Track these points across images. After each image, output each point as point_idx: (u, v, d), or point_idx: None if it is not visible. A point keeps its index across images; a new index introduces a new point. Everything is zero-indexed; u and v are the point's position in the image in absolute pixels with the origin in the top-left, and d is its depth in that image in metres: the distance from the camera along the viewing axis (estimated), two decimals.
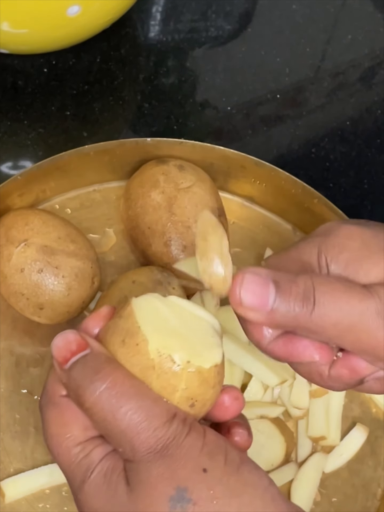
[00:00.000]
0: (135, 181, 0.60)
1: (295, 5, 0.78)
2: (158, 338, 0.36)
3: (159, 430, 0.34)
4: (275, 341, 0.39)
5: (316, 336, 0.37)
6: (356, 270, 0.38)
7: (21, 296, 0.54)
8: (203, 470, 0.34)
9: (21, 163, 0.66)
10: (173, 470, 0.34)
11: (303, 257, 0.39)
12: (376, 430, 0.57)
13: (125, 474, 0.35)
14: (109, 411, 0.34)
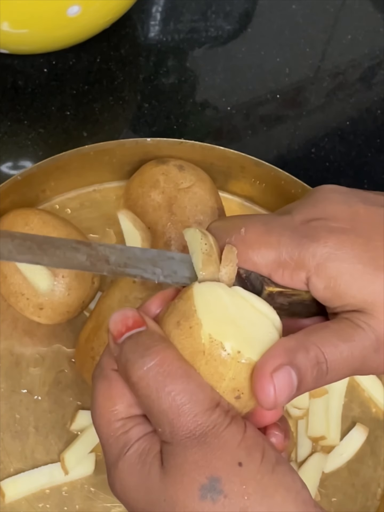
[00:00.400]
0: (135, 181, 0.60)
1: (295, 5, 0.78)
2: (212, 324, 0.36)
3: (199, 416, 0.34)
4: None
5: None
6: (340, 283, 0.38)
7: (21, 296, 0.54)
8: (238, 464, 0.34)
9: (21, 163, 0.66)
10: (208, 459, 0.34)
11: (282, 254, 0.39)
12: (376, 430, 0.57)
13: (160, 457, 0.35)
14: (153, 389, 0.35)
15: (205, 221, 0.57)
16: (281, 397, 0.36)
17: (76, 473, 0.53)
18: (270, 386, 0.35)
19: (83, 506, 0.53)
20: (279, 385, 0.36)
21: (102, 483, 0.53)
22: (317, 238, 0.38)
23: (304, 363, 0.37)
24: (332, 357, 0.37)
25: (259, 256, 0.39)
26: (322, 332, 0.38)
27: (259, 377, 0.36)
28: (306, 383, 0.37)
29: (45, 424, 0.55)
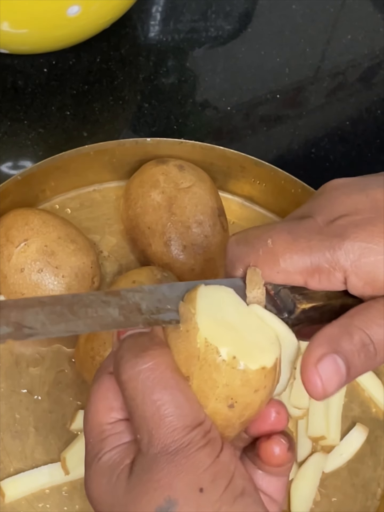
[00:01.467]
0: (135, 181, 0.60)
1: (295, 5, 0.78)
2: (209, 329, 0.35)
3: (177, 432, 0.34)
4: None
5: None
6: (379, 277, 0.38)
7: (21, 296, 0.54)
8: (199, 489, 0.33)
9: (21, 163, 0.66)
10: (171, 479, 0.33)
11: (314, 259, 0.38)
12: (376, 430, 0.57)
13: (129, 469, 0.34)
14: (140, 393, 0.34)
15: (205, 221, 0.57)
16: (330, 387, 0.35)
17: (76, 473, 0.53)
18: (316, 377, 0.35)
19: (83, 506, 0.53)
20: (326, 374, 0.35)
21: None
22: (346, 235, 0.38)
23: (350, 348, 0.36)
24: (378, 337, 0.36)
25: (292, 265, 0.38)
26: (365, 313, 0.37)
27: (304, 369, 0.35)
28: (356, 368, 0.36)
29: (45, 424, 0.55)
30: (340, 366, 0.36)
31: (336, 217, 0.39)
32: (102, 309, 0.34)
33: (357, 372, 0.37)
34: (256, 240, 0.39)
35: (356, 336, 0.36)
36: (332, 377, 0.35)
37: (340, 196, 0.40)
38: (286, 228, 0.39)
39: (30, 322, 0.32)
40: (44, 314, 0.33)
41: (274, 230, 0.39)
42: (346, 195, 0.40)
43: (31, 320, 0.33)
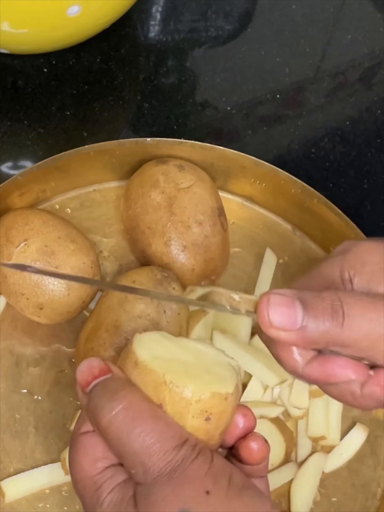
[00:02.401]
0: (135, 181, 0.60)
1: (295, 5, 0.78)
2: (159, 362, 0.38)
3: (168, 453, 0.35)
4: (310, 364, 0.39)
5: (349, 350, 0.38)
6: (379, 281, 0.38)
7: (21, 296, 0.54)
8: (206, 492, 0.35)
9: (21, 163, 0.66)
10: (178, 492, 0.35)
11: (326, 276, 0.40)
12: (376, 430, 0.57)
13: (134, 501, 0.36)
14: (123, 431, 0.36)
15: (205, 221, 0.57)
16: (276, 318, 0.36)
17: None
18: (264, 304, 0.37)
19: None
20: (274, 304, 0.37)
21: None
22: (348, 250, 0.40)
23: (314, 301, 0.37)
24: (350, 301, 0.37)
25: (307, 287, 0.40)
26: (349, 291, 0.39)
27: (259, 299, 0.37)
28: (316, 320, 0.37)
29: (45, 424, 0.55)
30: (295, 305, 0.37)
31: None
32: None
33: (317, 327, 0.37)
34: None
35: (326, 293, 0.37)
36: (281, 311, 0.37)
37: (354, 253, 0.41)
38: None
39: None
40: None
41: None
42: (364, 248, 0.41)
43: None
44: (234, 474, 0.36)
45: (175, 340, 0.40)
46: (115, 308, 0.52)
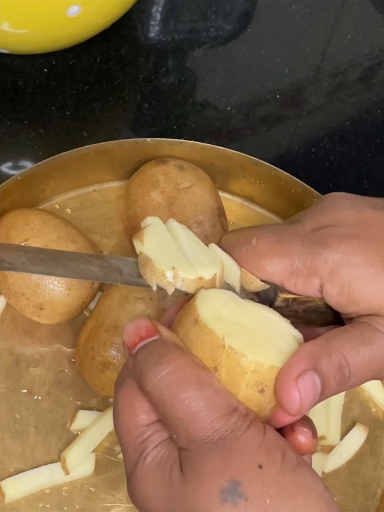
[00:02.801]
0: (135, 181, 0.60)
1: (295, 5, 0.78)
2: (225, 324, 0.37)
3: (216, 422, 0.34)
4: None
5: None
6: (354, 288, 0.38)
7: (21, 296, 0.54)
8: (259, 466, 0.34)
9: (21, 163, 0.66)
10: (228, 463, 0.34)
11: (293, 263, 0.39)
12: (376, 429, 0.57)
13: (179, 462, 0.35)
14: (168, 397, 0.35)
15: (205, 221, 0.57)
16: (306, 403, 0.36)
17: (76, 473, 0.53)
18: (296, 391, 0.36)
19: (83, 506, 0.53)
20: (305, 390, 0.36)
21: (102, 483, 0.53)
22: (329, 244, 0.39)
23: (327, 368, 0.37)
24: (354, 361, 0.38)
25: (271, 265, 0.39)
26: (343, 336, 0.38)
27: (284, 382, 0.36)
28: (330, 388, 0.37)
29: (45, 424, 0.55)
30: (317, 384, 0.36)
31: (323, 226, 0.40)
32: (84, 265, 0.36)
33: (330, 392, 0.38)
34: (243, 239, 0.41)
35: (334, 357, 0.37)
36: (309, 394, 0.36)
37: (333, 207, 0.41)
38: (273, 229, 0.41)
39: (11, 259, 0.34)
40: (26, 257, 0.35)
41: (261, 231, 0.41)
42: (339, 208, 0.41)
43: (13, 258, 0.34)
44: (287, 450, 0.35)
45: (241, 302, 0.39)
46: (115, 308, 0.52)
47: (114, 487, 0.53)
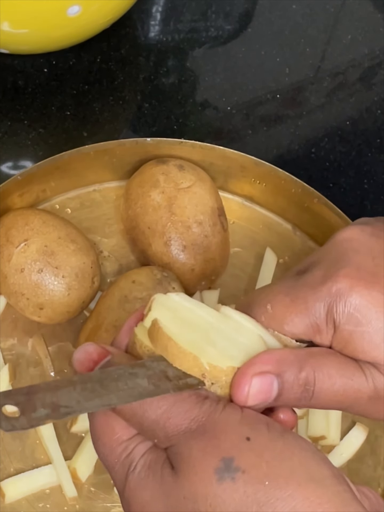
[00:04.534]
0: (135, 181, 0.60)
1: (295, 5, 0.78)
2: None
3: (190, 412, 0.34)
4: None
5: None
6: (356, 347, 0.39)
7: (21, 296, 0.54)
8: (246, 438, 0.34)
9: (21, 163, 0.66)
10: (214, 444, 0.34)
11: (312, 317, 0.39)
12: (376, 429, 0.57)
13: (169, 462, 0.35)
14: (137, 407, 0.35)
15: (205, 221, 0.57)
16: (253, 400, 0.36)
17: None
18: (246, 386, 0.36)
19: (83, 506, 0.53)
20: (255, 388, 0.36)
21: (102, 483, 0.53)
22: (341, 297, 0.38)
23: (291, 380, 0.37)
24: (322, 385, 0.38)
25: (294, 327, 0.39)
26: (324, 358, 0.38)
27: (239, 375, 0.36)
28: (287, 399, 0.37)
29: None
30: (273, 389, 0.37)
31: (334, 273, 0.39)
32: (131, 381, 0.36)
33: (288, 402, 0.38)
34: (257, 307, 0.40)
35: (303, 373, 0.37)
36: (259, 394, 0.36)
37: (345, 254, 0.40)
38: (284, 290, 0.40)
39: (65, 402, 0.33)
40: (77, 392, 0.34)
41: (272, 294, 0.40)
42: (353, 253, 0.40)
43: (66, 399, 0.33)
44: (270, 420, 0.35)
45: (197, 305, 0.40)
46: (115, 308, 0.52)
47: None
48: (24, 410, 0.32)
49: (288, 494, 0.32)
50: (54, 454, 0.53)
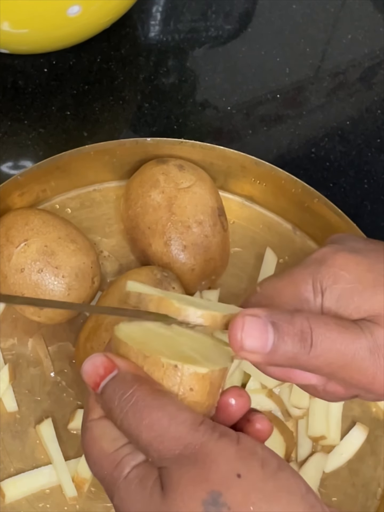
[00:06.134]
0: (135, 181, 0.60)
1: (295, 5, 0.78)
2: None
3: (183, 438, 0.34)
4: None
5: (311, 372, 0.39)
6: (347, 304, 0.39)
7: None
8: (237, 475, 0.34)
9: (22, 163, 0.66)
10: (205, 475, 0.34)
11: (298, 286, 0.40)
12: (376, 429, 0.57)
13: (160, 482, 0.35)
14: (134, 426, 0.35)
15: (205, 221, 0.57)
16: (249, 344, 0.37)
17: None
18: (239, 324, 0.37)
19: (83, 506, 0.53)
20: (249, 328, 0.37)
21: None
22: (324, 260, 0.40)
23: (286, 326, 0.37)
24: (319, 331, 0.38)
25: (283, 301, 0.40)
26: (319, 315, 0.39)
27: (233, 318, 0.37)
28: (284, 351, 0.37)
29: None
30: (268, 333, 0.37)
31: (319, 250, 0.42)
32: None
33: (285, 359, 0.38)
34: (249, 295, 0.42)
35: (297, 321, 0.38)
36: (254, 337, 0.37)
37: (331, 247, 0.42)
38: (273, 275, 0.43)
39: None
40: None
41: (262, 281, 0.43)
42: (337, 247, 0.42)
43: None
44: (267, 456, 0.35)
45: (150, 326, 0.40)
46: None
47: None
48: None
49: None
50: (54, 454, 0.53)
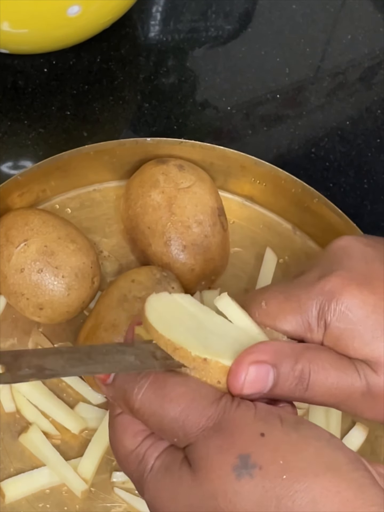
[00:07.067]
0: (135, 181, 0.60)
1: (295, 5, 0.78)
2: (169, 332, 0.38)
3: (207, 410, 0.35)
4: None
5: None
6: (347, 345, 0.40)
7: (21, 296, 0.54)
8: (261, 434, 0.34)
9: (21, 163, 0.66)
10: (231, 441, 0.34)
11: (304, 314, 0.40)
12: (376, 429, 0.57)
13: (187, 462, 0.35)
14: (157, 404, 0.36)
15: (205, 221, 0.57)
16: (248, 388, 0.37)
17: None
18: (242, 374, 0.37)
19: (83, 506, 0.53)
20: (251, 376, 0.37)
21: (102, 483, 0.53)
22: (333, 295, 0.40)
23: (287, 371, 0.38)
24: (316, 377, 0.38)
25: (287, 324, 0.40)
26: (319, 352, 0.39)
27: (238, 362, 0.37)
28: (281, 390, 0.38)
29: None
30: (269, 379, 0.37)
31: (327, 273, 0.41)
32: (118, 355, 0.37)
33: (281, 394, 0.38)
34: (253, 303, 0.42)
35: (299, 365, 0.38)
36: (255, 382, 0.37)
37: (341, 256, 0.42)
38: (279, 288, 0.42)
39: (51, 366, 0.34)
40: (63, 359, 0.35)
41: (268, 292, 0.42)
42: (347, 257, 0.42)
43: (51, 364, 0.34)
44: (283, 413, 0.36)
45: (190, 307, 0.40)
46: (114, 307, 0.52)
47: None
48: (10, 368, 0.33)
49: (306, 486, 0.33)
50: (51, 456, 0.53)
